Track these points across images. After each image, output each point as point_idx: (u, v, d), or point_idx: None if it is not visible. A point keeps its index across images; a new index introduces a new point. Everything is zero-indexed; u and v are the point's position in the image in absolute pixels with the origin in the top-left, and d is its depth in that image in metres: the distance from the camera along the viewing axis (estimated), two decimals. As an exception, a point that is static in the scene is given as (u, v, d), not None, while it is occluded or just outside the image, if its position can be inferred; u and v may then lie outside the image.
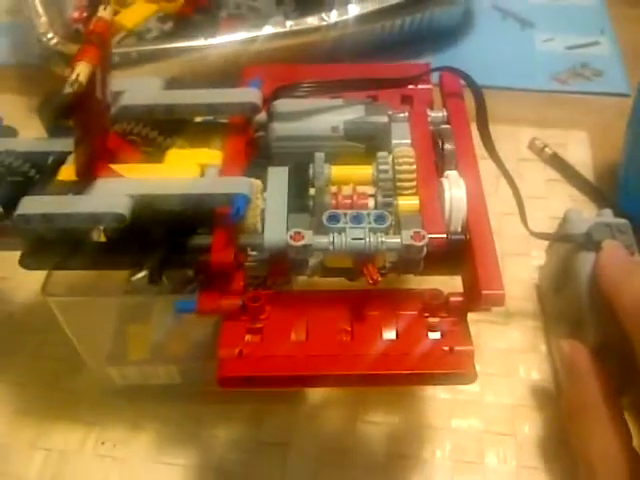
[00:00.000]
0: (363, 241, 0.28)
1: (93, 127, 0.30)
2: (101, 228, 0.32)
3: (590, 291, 0.36)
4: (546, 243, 0.43)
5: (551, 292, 0.43)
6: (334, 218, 0.29)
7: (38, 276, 0.33)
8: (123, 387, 0.40)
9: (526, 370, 0.41)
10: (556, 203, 0.50)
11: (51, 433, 0.40)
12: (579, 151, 0.54)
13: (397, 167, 0.32)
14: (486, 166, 0.35)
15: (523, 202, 0.37)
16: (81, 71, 0.27)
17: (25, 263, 0.31)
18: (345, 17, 0.53)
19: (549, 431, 0.39)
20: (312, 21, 0.52)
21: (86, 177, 0.31)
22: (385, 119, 0.33)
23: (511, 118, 0.55)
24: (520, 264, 0.46)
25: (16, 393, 0.41)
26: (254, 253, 0.31)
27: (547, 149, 0.53)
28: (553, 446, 0.38)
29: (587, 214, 0.40)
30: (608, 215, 0.40)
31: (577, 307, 0.37)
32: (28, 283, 0.44)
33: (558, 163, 0.52)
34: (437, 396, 0.40)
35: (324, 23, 0.52)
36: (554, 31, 0.64)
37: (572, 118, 0.56)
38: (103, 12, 0.29)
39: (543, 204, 0.50)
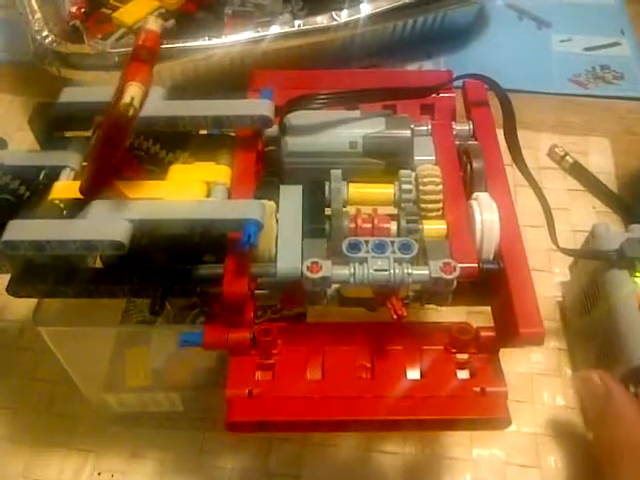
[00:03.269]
0: (387, 272, 0.26)
1: (121, 147, 0.28)
2: (98, 253, 0.30)
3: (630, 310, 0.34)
4: (569, 258, 0.41)
5: (577, 312, 0.40)
6: (355, 247, 0.26)
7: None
8: (122, 413, 0.38)
9: (551, 395, 0.39)
10: (579, 215, 0.47)
11: (44, 462, 0.37)
12: (601, 159, 0.51)
13: (421, 187, 0.29)
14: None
15: (553, 217, 0.35)
16: (135, 94, 0.24)
17: (13, 290, 0.29)
18: (356, 16, 0.50)
19: (576, 463, 0.37)
20: (322, 20, 0.50)
21: (91, 196, 0.28)
22: (408, 133, 0.31)
23: (528, 123, 0.53)
24: (542, 280, 0.44)
25: (7, 418, 0.39)
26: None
27: (568, 157, 0.50)
28: (581, 480, 0.36)
29: (615, 229, 0.38)
30: (638, 231, 0.37)
31: (608, 328, 0.35)
32: (21, 301, 0.41)
33: (579, 172, 0.50)
34: (456, 424, 0.38)
35: (334, 23, 0.50)
36: (572, 31, 0.61)
37: (592, 123, 0.54)
38: (152, 24, 0.26)
39: (565, 216, 0.47)
